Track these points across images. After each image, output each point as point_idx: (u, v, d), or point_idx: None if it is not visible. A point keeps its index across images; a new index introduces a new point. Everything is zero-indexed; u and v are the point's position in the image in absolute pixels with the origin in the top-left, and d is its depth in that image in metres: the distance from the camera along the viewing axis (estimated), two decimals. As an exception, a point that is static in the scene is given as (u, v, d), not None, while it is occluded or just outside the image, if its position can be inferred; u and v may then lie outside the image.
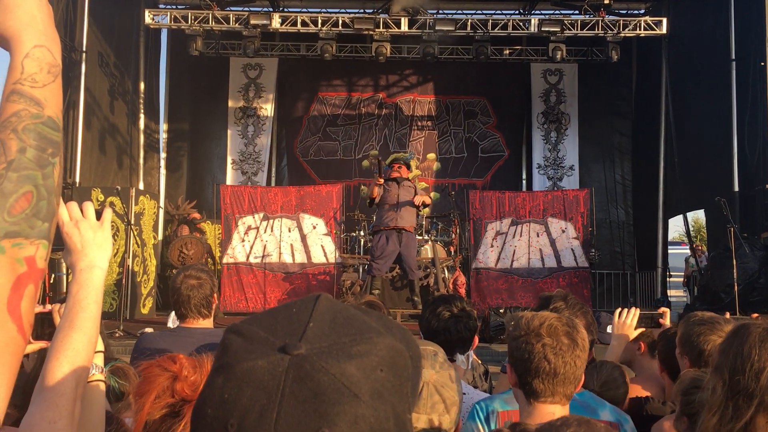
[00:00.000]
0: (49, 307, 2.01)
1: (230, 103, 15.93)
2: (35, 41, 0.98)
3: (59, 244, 1.45)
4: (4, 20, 0.98)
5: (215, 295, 3.23)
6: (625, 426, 2.22)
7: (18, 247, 0.90)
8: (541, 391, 1.85)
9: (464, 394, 2.55)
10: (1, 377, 0.87)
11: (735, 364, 1.77)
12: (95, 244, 1.47)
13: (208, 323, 3.19)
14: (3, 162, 0.91)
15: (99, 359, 1.68)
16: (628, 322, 3.05)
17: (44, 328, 1.95)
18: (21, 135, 0.93)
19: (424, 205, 9.76)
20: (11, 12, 0.98)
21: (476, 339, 2.88)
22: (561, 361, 1.83)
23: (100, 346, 1.70)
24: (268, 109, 16.01)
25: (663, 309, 3.23)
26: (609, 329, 3.17)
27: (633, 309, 3.12)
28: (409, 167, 10.16)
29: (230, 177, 15.72)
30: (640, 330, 3.09)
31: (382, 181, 9.39)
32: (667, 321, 3.18)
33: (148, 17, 13.66)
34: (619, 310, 3.13)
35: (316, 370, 0.64)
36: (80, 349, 1.33)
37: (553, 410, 1.84)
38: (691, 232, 16.85)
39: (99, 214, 1.52)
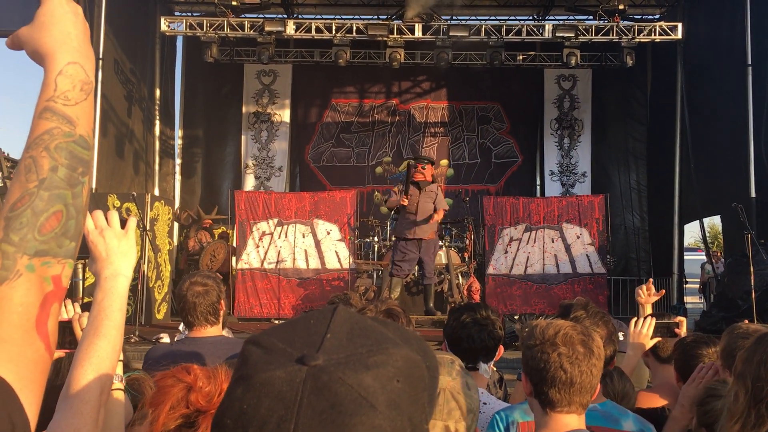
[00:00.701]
0: (67, 316, 2.02)
1: (244, 108, 16.02)
2: (69, 58, 0.99)
3: (82, 252, 1.47)
4: (40, 37, 1.00)
5: (222, 301, 3.19)
6: None
7: (47, 265, 0.92)
8: (558, 400, 1.83)
9: (485, 404, 2.54)
10: (32, 395, 0.88)
11: (758, 372, 1.76)
12: (120, 252, 1.49)
13: (216, 330, 3.15)
14: (35, 180, 0.92)
15: (119, 368, 1.69)
16: (644, 331, 3.02)
17: (65, 336, 1.96)
18: (53, 153, 0.94)
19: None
20: (47, 29, 1.00)
21: (501, 349, 2.85)
22: (577, 371, 1.81)
23: (120, 355, 1.70)
24: (282, 114, 16.09)
25: (679, 318, 3.19)
26: (620, 337, 3.14)
27: (649, 318, 3.09)
28: (433, 164, 10.11)
29: (243, 181, 15.79)
30: (656, 339, 3.06)
31: (406, 202, 9.22)
32: (683, 331, 3.14)
33: (163, 24, 13.78)
34: (635, 319, 3.10)
35: (333, 381, 0.64)
36: (105, 356, 1.34)
37: (570, 420, 1.83)
38: (708, 239, 16.71)
39: (123, 223, 1.54)
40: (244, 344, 0.71)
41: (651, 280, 3.27)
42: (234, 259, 12.83)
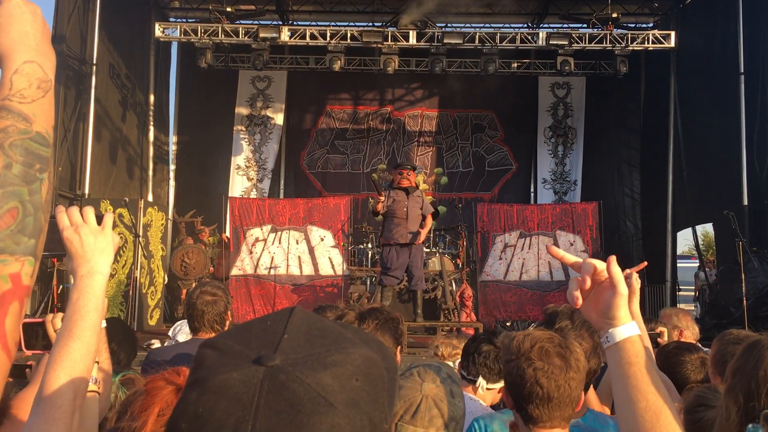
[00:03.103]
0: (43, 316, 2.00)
1: (237, 110, 15.99)
2: (26, 57, 0.98)
3: (59, 249, 1.43)
4: None
5: (229, 312, 3.31)
6: None
7: (2, 263, 0.90)
8: (538, 416, 1.78)
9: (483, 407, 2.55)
10: None
11: (750, 388, 1.70)
12: (96, 249, 1.43)
13: None
14: None
15: (94, 370, 1.67)
16: None
17: (38, 339, 1.93)
18: (7, 151, 0.92)
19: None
20: (4, 30, 0.99)
21: None
22: (554, 385, 1.75)
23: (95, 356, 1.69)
24: (276, 118, 16.06)
25: (661, 329, 3.19)
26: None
27: None
28: (416, 170, 10.07)
29: (235, 183, 15.74)
30: None
31: (383, 198, 9.14)
32: (665, 341, 3.14)
33: (158, 30, 13.77)
34: None
35: (291, 381, 0.64)
36: (78, 359, 1.30)
37: None
38: (702, 246, 16.74)
39: (100, 219, 1.49)
40: (198, 348, 0.70)
41: (628, 270, 3.20)
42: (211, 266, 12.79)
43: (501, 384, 2.78)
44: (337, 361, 0.66)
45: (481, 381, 2.74)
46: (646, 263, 2.69)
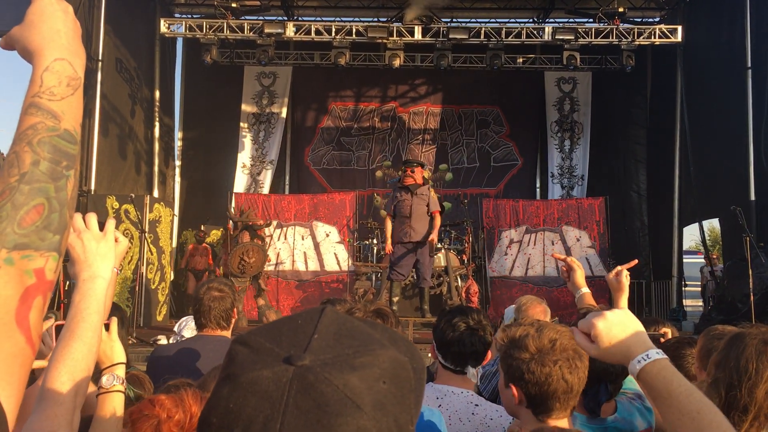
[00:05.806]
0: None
1: (243, 109, 15.99)
2: (56, 55, 1.00)
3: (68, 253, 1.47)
4: (29, 35, 1.01)
5: (235, 309, 3.32)
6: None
7: (27, 258, 0.91)
8: (557, 408, 1.83)
9: (476, 405, 2.51)
10: (11, 388, 0.87)
11: (731, 379, 1.75)
12: (98, 254, 1.49)
13: (225, 335, 3.27)
14: (16, 174, 0.92)
15: (120, 371, 1.70)
16: None
17: None
18: (36, 148, 0.94)
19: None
20: (36, 27, 1.01)
21: (489, 353, 2.81)
22: (576, 378, 1.81)
23: (122, 358, 1.72)
24: (281, 113, 16.04)
25: (664, 329, 3.19)
26: None
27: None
28: (423, 166, 9.99)
29: (239, 181, 15.73)
30: None
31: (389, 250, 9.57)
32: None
33: (163, 26, 13.80)
34: None
35: (319, 381, 0.65)
36: (80, 358, 1.34)
37: (563, 424, 1.82)
38: (708, 241, 16.70)
39: (102, 225, 1.55)
40: (231, 344, 0.72)
41: (618, 267, 3.14)
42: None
43: (481, 363, 2.75)
44: (365, 364, 0.67)
45: (471, 371, 2.68)
46: (636, 261, 2.69)
